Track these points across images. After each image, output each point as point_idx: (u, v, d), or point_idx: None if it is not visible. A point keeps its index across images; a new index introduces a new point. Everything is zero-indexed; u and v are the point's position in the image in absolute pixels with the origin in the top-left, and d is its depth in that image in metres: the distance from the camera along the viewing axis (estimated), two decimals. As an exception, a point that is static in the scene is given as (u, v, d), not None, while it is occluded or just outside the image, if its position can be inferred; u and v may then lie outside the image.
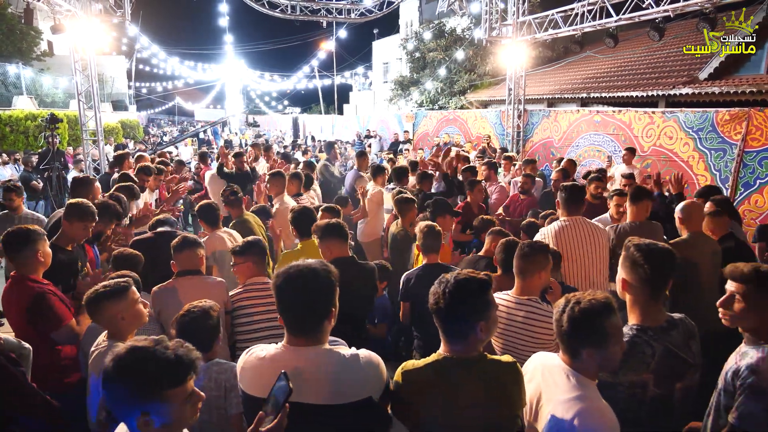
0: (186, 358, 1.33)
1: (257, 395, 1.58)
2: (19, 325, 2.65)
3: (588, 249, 3.46)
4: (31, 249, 2.64)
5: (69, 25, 8.55)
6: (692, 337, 2.02)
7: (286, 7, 12.34)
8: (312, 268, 1.61)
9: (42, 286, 2.63)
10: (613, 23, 8.61)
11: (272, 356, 1.61)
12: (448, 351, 1.72)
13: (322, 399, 1.53)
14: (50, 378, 2.58)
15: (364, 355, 1.62)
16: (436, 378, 1.67)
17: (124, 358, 1.30)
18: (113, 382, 1.29)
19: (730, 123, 7.16)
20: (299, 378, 1.52)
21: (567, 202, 3.55)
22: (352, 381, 1.56)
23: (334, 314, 1.64)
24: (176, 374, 1.31)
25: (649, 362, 1.92)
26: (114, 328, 2.15)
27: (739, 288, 1.88)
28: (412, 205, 4.29)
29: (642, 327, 1.97)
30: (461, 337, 1.70)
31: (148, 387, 1.28)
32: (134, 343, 1.34)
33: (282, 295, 1.60)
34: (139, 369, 1.28)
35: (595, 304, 1.63)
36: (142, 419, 1.28)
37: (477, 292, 1.68)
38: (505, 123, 11.76)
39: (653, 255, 1.97)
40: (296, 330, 1.61)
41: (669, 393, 1.97)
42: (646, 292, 1.99)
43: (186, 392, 1.33)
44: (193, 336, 1.99)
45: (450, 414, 1.64)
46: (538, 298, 2.46)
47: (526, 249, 2.48)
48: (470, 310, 1.68)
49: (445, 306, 1.68)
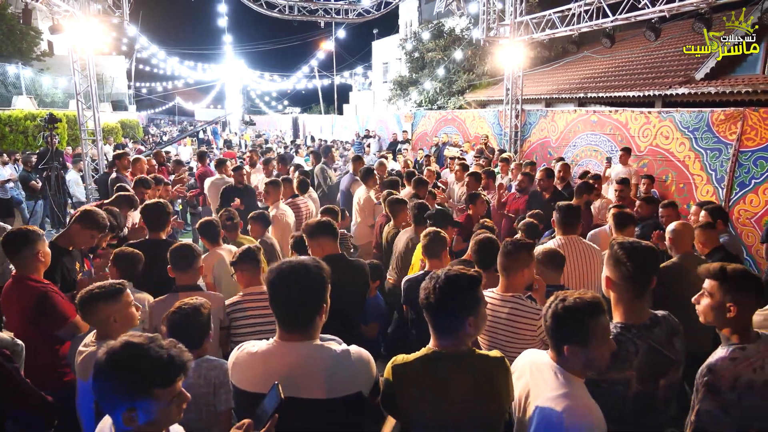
0: (178, 359, 1.35)
1: (249, 390, 1.61)
2: (19, 324, 2.67)
3: (584, 268, 3.52)
4: (30, 249, 2.66)
5: (67, 25, 8.58)
6: (675, 334, 2.05)
7: (283, 7, 12.37)
8: (304, 264, 1.64)
9: (44, 286, 2.65)
10: (610, 23, 8.63)
11: (264, 351, 1.64)
12: (438, 345, 1.75)
13: (313, 394, 1.56)
14: (50, 377, 2.60)
15: (354, 351, 1.66)
16: (425, 372, 1.71)
17: (119, 353, 1.31)
18: (105, 375, 1.31)
19: (725, 123, 7.19)
20: (291, 373, 1.56)
21: (562, 222, 3.63)
22: (343, 376, 1.60)
23: (325, 310, 1.67)
24: (168, 374, 1.32)
25: (632, 359, 1.95)
26: (104, 329, 2.15)
27: (708, 285, 1.97)
28: (404, 206, 4.35)
29: (626, 325, 2.00)
30: (450, 332, 1.73)
31: (138, 384, 1.30)
32: (129, 338, 1.35)
33: (275, 291, 1.63)
34: (132, 365, 1.30)
35: (580, 303, 1.66)
36: (128, 414, 1.29)
37: (467, 288, 1.71)
38: (503, 123, 11.78)
39: (636, 253, 2.00)
40: (288, 325, 1.64)
41: (652, 390, 2.00)
42: (629, 289, 2.02)
43: (174, 392, 1.35)
44: (184, 332, 2.03)
45: (439, 408, 1.67)
46: (522, 296, 2.49)
47: (509, 246, 2.52)
48: (460, 306, 1.71)
49: (435, 301, 1.71)
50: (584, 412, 1.58)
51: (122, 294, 2.17)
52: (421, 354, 1.76)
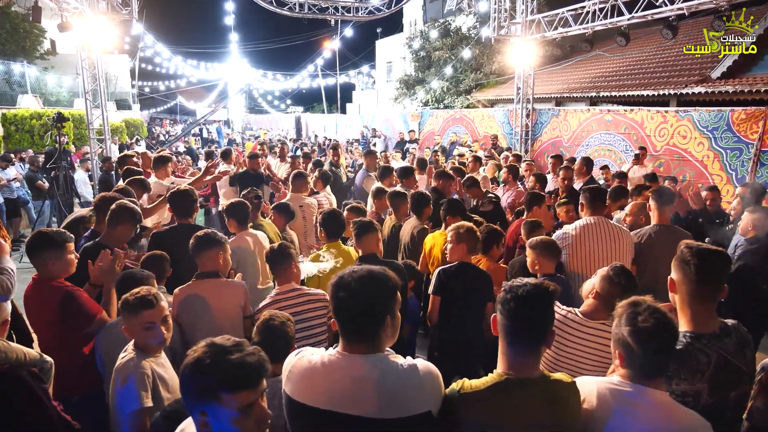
0: (250, 364, 1.30)
1: (307, 403, 1.48)
2: (44, 327, 2.60)
3: (611, 248, 3.52)
4: (63, 250, 2.60)
5: (76, 23, 8.47)
6: (747, 345, 1.94)
7: (294, 5, 12.25)
8: (371, 272, 1.53)
9: (67, 285, 2.58)
10: (626, 21, 8.50)
11: (326, 362, 1.51)
12: (510, 369, 1.58)
13: (377, 412, 1.44)
14: (78, 383, 2.54)
15: (422, 366, 1.52)
16: (496, 401, 1.53)
17: (197, 353, 1.31)
18: (181, 375, 1.32)
19: (746, 122, 7.08)
20: (353, 389, 1.44)
21: (591, 202, 3.68)
22: (411, 392, 1.47)
23: (391, 323, 1.53)
24: (234, 378, 1.28)
25: (704, 371, 1.84)
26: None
27: None
28: (405, 200, 4.47)
29: (696, 334, 1.89)
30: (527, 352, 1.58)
31: (204, 385, 1.28)
32: (209, 340, 1.35)
33: (339, 300, 1.51)
34: (200, 366, 1.29)
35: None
36: (201, 418, 1.29)
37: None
38: (513, 122, 11.67)
39: (702, 254, 1.91)
40: (352, 336, 1.52)
41: (723, 402, 1.90)
42: (693, 293, 1.92)
43: (245, 400, 1.28)
44: (272, 343, 2.03)
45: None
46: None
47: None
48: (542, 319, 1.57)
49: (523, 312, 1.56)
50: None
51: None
52: (490, 382, 1.57)
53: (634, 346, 1.56)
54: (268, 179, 6.57)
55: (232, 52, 35.03)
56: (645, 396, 1.56)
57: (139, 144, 16.25)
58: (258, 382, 1.32)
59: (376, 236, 3.13)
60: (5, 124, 13.26)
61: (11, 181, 8.51)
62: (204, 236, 2.82)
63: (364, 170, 6.85)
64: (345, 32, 19.75)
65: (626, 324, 1.59)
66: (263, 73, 37.33)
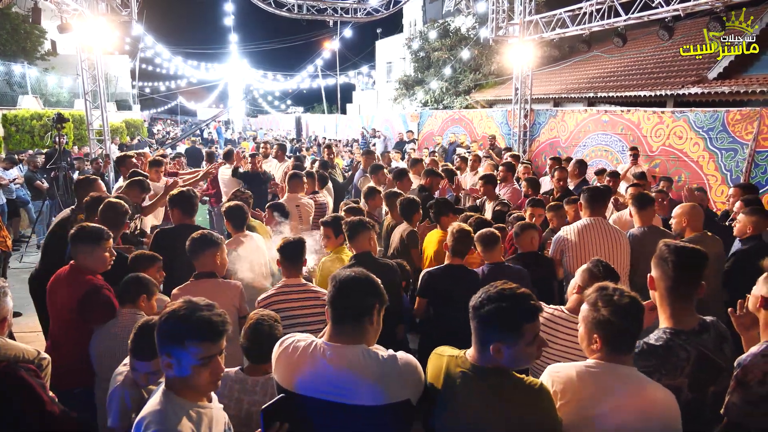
0: (216, 321, 1.48)
1: (291, 390, 1.57)
2: (62, 309, 2.66)
3: (609, 250, 3.57)
4: (98, 246, 2.69)
5: (76, 24, 8.52)
6: (724, 340, 2.00)
7: (293, 6, 12.31)
8: (367, 272, 1.67)
9: (98, 282, 2.67)
10: (622, 23, 8.54)
11: (311, 350, 1.60)
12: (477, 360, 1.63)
13: (360, 400, 1.51)
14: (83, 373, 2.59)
15: (401, 357, 1.60)
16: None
17: (173, 308, 1.51)
18: (161, 320, 1.51)
19: (741, 123, 7.12)
20: (338, 378, 1.51)
21: (590, 203, 3.71)
22: (393, 382, 1.54)
23: (377, 320, 1.64)
24: (201, 330, 1.46)
25: (684, 366, 1.89)
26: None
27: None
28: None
29: (675, 330, 1.94)
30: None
31: (173, 332, 1.47)
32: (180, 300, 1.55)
33: (335, 290, 1.62)
34: (173, 316, 1.48)
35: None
36: (167, 360, 1.47)
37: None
38: (512, 123, 11.71)
39: (680, 251, 1.97)
40: (339, 326, 1.61)
41: (702, 397, 1.95)
42: (671, 289, 1.97)
43: (207, 352, 1.46)
44: (263, 344, 2.09)
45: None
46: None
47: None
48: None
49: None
50: None
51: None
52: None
53: (618, 323, 1.63)
54: (267, 179, 6.63)
55: (232, 52, 35.16)
56: (618, 372, 1.64)
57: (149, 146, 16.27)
58: (219, 338, 1.49)
59: (368, 234, 3.17)
60: (6, 124, 13.31)
61: (12, 182, 8.56)
62: (200, 237, 2.87)
63: (362, 170, 6.90)
64: (345, 33, 19.81)
65: (605, 305, 1.65)
66: (263, 73, 37.43)
